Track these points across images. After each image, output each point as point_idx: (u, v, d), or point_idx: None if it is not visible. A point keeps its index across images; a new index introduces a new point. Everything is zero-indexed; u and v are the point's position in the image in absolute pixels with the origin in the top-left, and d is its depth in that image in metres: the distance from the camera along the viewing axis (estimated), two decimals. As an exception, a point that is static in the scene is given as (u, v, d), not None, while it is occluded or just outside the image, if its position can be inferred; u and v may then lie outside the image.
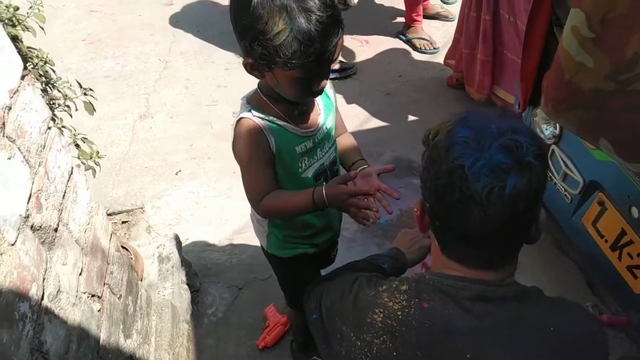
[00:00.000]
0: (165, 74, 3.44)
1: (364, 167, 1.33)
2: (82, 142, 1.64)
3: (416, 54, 3.55)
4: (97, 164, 1.68)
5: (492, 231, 0.81)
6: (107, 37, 3.77)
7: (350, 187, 1.18)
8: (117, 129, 3.00)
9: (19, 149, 1.03)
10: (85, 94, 1.66)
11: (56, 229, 1.15)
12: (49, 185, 1.14)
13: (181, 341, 1.87)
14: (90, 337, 1.25)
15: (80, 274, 1.25)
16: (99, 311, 1.33)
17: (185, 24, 3.90)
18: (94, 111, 1.69)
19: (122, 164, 2.78)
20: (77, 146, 1.63)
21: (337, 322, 0.95)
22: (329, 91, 1.31)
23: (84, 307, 1.23)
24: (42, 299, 1.04)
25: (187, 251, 2.29)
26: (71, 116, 1.59)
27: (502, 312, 0.84)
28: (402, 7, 3.69)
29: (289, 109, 1.21)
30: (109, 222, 1.52)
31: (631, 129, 1.20)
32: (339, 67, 3.27)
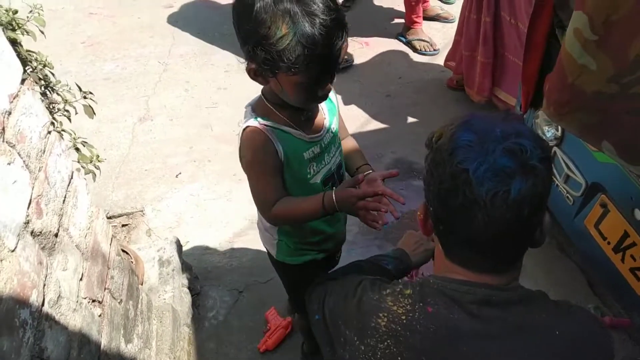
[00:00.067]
0: (165, 76, 3.44)
1: (369, 172, 1.32)
2: (82, 146, 1.64)
3: (416, 56, 3.55)
4: (97, 167, 1.68)
5: (496, 235, 0.80)
6: (107, 40, 3.77)
7: (359, 190, 1.17)
8: (117, 132, 3.00)
9: (18, 154, 1.02)
10: (85, 97, 1.65)
11: (56, 234, 1.14)
12: (49, 190, 1.14)
13: (182, 345, 1.86)
14: (91, 342, 1.24)
15: (80, 279, 1.24)
16: (100, 316, 1.33)
17: (184, 26, 3.89)
18: (94, 114, 1.69)
19: (122, 167, 2.77)
20: (77, 150, 1.63)
21: (340, 326, 0.94)
22: (332, 94, 1.30)
23: (85, 312, 1.23)
24: (42, 305, 1.03)
25: (188, 254, 2.29)
26: (70, 120, 1.59)
27: (507, 316, 0.84)
28: (401, 8, 3.69)
29: (295, 115, 1.20)
30: (109, 226, 1.51)
31: (634, 132, 1.20)
32: None
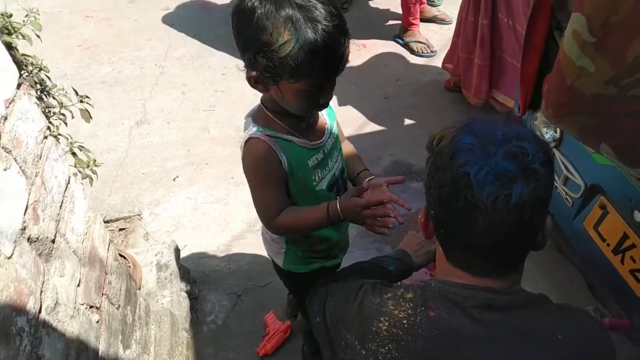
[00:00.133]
0: (161, 79, 3.43)
1: (371, 177, 1.32)
2: (79, 151, 1.63)
3: (413, 58, 3.55)
4: (94, 172, 1.66)
5: (498, 240, 0.80)
6: (103, 43, 3.76)
7: (364, 200, 1.16)
8: (114, 135, 2.99)
9: (15, 159, 1.01)
10: (81, 101, 1.64)
11: (53, 240, 1.13)
12: (45, 195, 1.13)
13: (180, 350, 1.85)
14: (89, 349, 1.23)
15: (78, 285, 1.23)
16: (98, 322, 1.31)
17: (181, 29, 3.89)
18: (90, 118, 1.68)
19: (119, 171, 2.76)
20: (74, 155, 1.62)
21: (341, 330, 0.94)
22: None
23: (83, 318, 1.22)
24: (39, 312, 1.02)
25: (186, 258, 2.28)
26: (66, 124, 1.58)
27: (509, 320, 0.83)
28: (397, 10, 3.69)
29: (297, 123, 1.18)
30: (106, 231, 1.50)
31: (633, 134, 1.19)
32: None
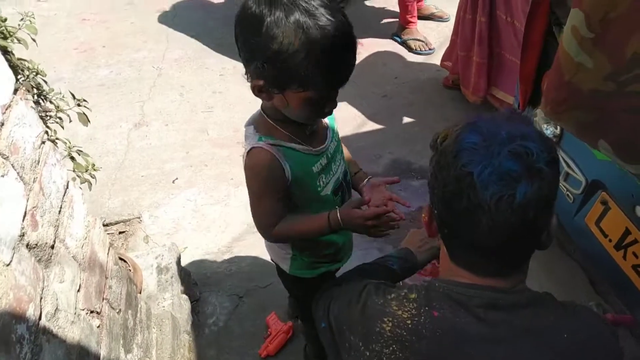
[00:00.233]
0: (159, 81, 3.42)
1: (369, 177, 1.32)
2: (77, 155, 1.62)
3: (411, 55, 3.54)
4: (92, 176, 1.65)
5: (501, 240, 0.79)
6: (100, 46, 3.75)
7: (367, 212, 1.17)
8: (112, 138, 2.98)
9: (12, 165, 1.01)
10: (78, 105, 1.63)
11: (53, 246, 1.12)
12: (44, 201, 1.12)
13: (182, 352, 1.84)
14: (90, 354, 1.22)
15: (78, 291, 1.22)
16: (99, 327, 1.31)
17: (178, 31, 3.88)
18: (88, 122, 1.67)
19: (118, 174, 2.75)
20: (72, 159, 1.60)
21: (345, 332, 0.93)
22: None
23: (83, 324, 1.21)
24: (39, 319, 1.01)
25: (186, 260, 2.27)
26: (63, 127, 1.57)
27: (514, 319, 0.83)
28: (393, 8, 3.69)
29: (299, 130, 1.16)
30: (106, 236, 1.49)
31: (630, 130, 1.18)
32: None
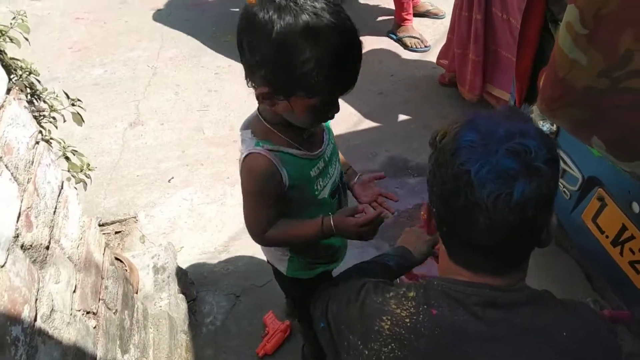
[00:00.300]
0: (154, 80, 3.40)
1: (360, 174, 1.34)
2: (72, 155, 1.61)
3: (407, 53, 3.54)
4: (87, 176, 1.64)
5: (499, 238, 0.79)
6: (94, 45, 3.73)
7: (360, 219, 1.17)
8: (107, 138, 2.96)
9: (6, 166, 1.00)
10: (73, 105, 1.62)
11: (48, 247, 1.11)
12: (38, 201, 1.11)
13: (179, 352, 1.84)
14: (86, 355, 1.21)
15: (74, 292, 1.21)
16: (95, 328, 1.30)
17: (173, 29, 3.86)
18: (83, 122, 1.66)
19: (114, 173, 2.74)
20: (67, 159, 1.59)
21: (344, 331, 0.93)
22: None
23: (79, 325, 1.20)
24: (35, 320, 1.00)
25: (183, 260, 2.26)
26: (57, 127, 1.55)
27: (513, 317, 0.82)
28: (388, 6, 3.68)
29: (297, 135, 1.15)
30: (101, 236, 1.49)
31: (623, 127, 1.18)
32: None
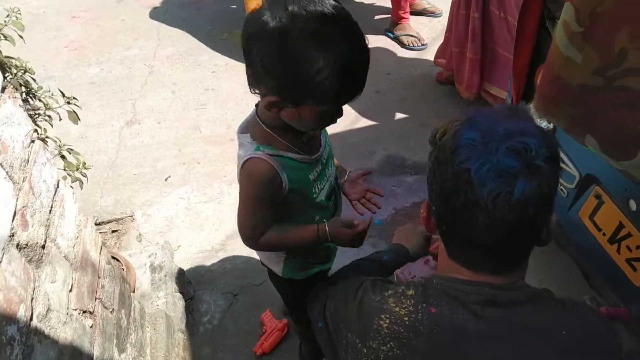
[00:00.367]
0: (151, 78, 3.39)
1: (349, 172, 1.37)
2: (68, 153, 1.60)
3: (404, 51, 3.53)
4: (84, 175, 1.64)
5: (499, 237, 0.79)
6: (91, 43, 3.72)
7: (356, 229, 1.19)
8: (104, 137, 2.95)
9: (1, 165, 0.99)
10: (68, 103, 1.61)
11: (43, 246, 1.10)
12: (34, 200, 1.10)
13: (177, 351, 1.84)
14: (83, 355, 1.21)
15: (70, 291, 1.21)
16: (92, 327, 1.29)
17: (169, 28, 3.85)
18: (79, 120, 1.65)
19: (110, 172, 2.73)
20: (63, 158, 1.59)
21: (342, 329, 0.93)
22: None
23: (76, 324, 1.19)
24: (30, 319, 1.00)
25: (180, 259, 2.26)
26: (52, 126, 1.55)
27: (512, 316, 0.82)
28: (384, 4, 3.67)
29: (297, 139, 1.14)
30: (98, 235, 1.48)
31: (617, 126, 1.18)
32: None
